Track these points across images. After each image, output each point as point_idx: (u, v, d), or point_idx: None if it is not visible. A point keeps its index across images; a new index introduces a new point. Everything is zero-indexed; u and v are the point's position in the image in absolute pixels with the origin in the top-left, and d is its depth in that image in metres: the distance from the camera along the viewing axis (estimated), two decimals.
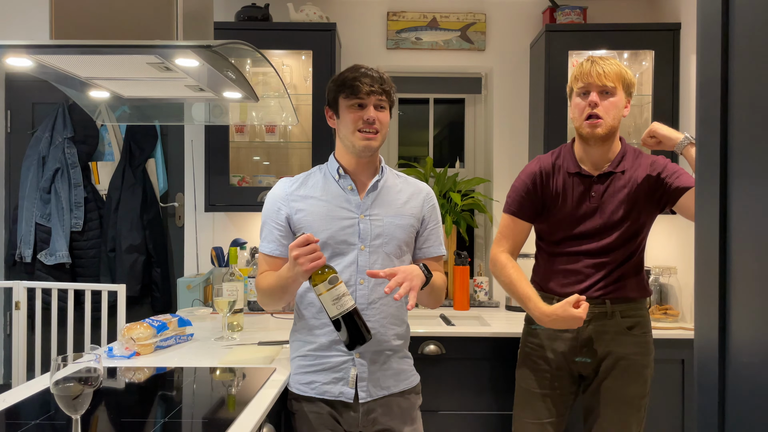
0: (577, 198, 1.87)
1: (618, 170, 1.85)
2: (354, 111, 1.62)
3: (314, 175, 1.73)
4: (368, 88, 1.60)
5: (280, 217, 1.68)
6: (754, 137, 0.56)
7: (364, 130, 1.62)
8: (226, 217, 3.01)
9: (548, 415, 1.91)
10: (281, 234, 1.68)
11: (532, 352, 1.94)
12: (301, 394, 1.68)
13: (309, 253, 1.47)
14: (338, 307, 1.47)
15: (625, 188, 1.84)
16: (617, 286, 1.85)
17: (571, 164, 1.88)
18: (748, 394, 0.57)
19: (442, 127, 3.39)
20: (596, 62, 1.80)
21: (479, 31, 3.00)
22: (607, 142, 1.84)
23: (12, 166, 3.22)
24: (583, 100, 1.81)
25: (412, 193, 1.74)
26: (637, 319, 1.87)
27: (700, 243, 0.64)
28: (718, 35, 0.61)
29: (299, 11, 2.78)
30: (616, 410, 1.84)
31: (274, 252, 1.69)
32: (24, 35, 2.97)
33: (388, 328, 1.67)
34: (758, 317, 0.55)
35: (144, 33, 1.59)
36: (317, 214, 1.65)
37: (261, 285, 1.67)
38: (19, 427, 1.33)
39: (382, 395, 1.66)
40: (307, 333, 1.69)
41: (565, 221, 1.88)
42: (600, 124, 1.78)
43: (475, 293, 2.91)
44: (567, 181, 1.88)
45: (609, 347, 1.85)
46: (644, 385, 1.85)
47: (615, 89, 1.79)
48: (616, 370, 1.84)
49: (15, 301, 2.54)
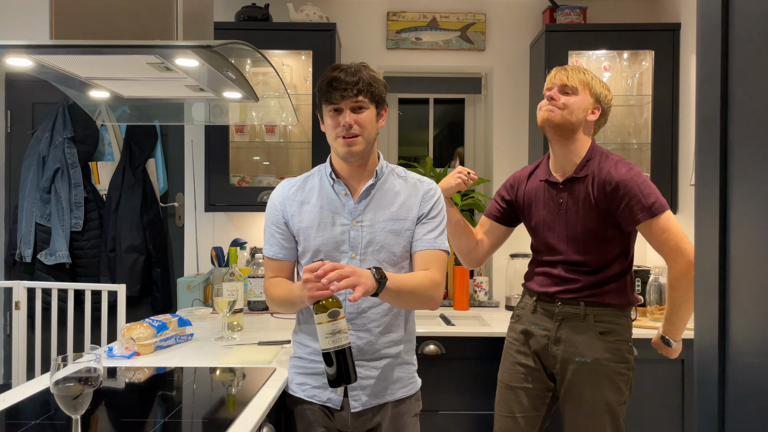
0: (545, 205, 1.92)
1: (581, 175, 1.85)
2: (333, 117, 1.58)
3: (312, 178, 1.70)
4: (340, 94, 1.54)
5: (279, 220, 1.67)
6: (754, 137, 0.56)
7: (344, 136, 1.57)
8: (226, 217, 3.01)
9: (521, 410, 1.93)
10: (282, 237, 1.67)
11: (510, 346, 2.00)
12: (294, 395, 1.69)
13: (317, 281, 1.42)
14: (332, 341, 1.43)
15: (586, 195, 1.83)
16: (594, 292, 1.85)
17: (543, 172, 1.95)
18: (748, 394, 0.57)
19: (442, 127, 3.39)
20: (565, 69, 1.88)
21: (479, 31, 3.00)
22: (566, 138, 1.85)
23: (12, 166, 3.22)
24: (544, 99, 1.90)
25: (410, 193, 1.66)
26: (612, 326, 1.85)
27: (700, 243, 0.64)
28: (718, 35, 0.61)
29: (299, 11, 2.78)
30: (588, 415, 1.82)
31: (276, 255, 1.68)
32: (24, 35, 2.97)
33: (381, 336, 1.63)
34: (758, 317, 0.55)
35: (144, 33, 1.59)
36: (311, 220, 1.63)
37: (271, 293, 1.67)
38: (19, 427, 1.33)
39: (375, 404, 1.63)
40: (305, 336, 1.69)
41: (538, 228, 1.94)
42: (555, 111, 1.83)
43: (475, 293, 2.91)
44: (538, 188, 1.95)
45: (579, 350, 1.85)
46: (618, 393, 1.82)
47: (577, 89, 1.84)
48: (586, 374, 1.83)
49: (15, 301, 2.54)
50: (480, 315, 2.70)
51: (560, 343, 1.87)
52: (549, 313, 1.91)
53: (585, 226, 1.84)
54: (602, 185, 1.80)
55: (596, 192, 1.81)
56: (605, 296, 1.85)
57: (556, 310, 1.89)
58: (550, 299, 1.90)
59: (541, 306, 1.93)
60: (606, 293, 1.85)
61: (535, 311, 1.94)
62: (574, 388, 1.84)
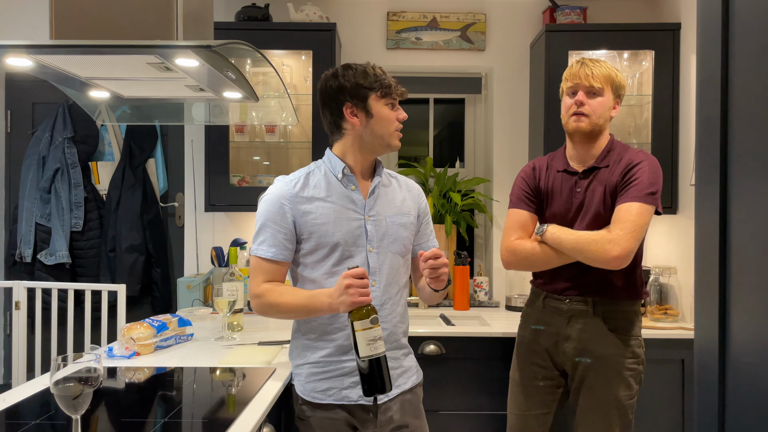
0: (566, 194, 1.92)
1: (602, 165, 1.88)
2: (391, 110, 1.64)
3: (314, 175, 1.66)
4: (400, 90, 1.64)
5: (285, 219, 1.59)
6: (754, 137, 0.56)
7: (399, 130, 1.66)
8: (226, 217, 3.01)
9: (530, 408, 1.94)
10: (286, 237, 1.60)
11: (521, 345, 2.01)
12: (316, 402, 1.62)
13: (361, 287, 1.45)
14: (372, 348, 1.42)
15: (606, 183, 1.86)
16: (602, 285, 1.85)
17: (561, 162, 1.96)
18: (748, 394, 0.57)
19: (442, 127, 3.39)
20: (586, 64, 1.87)
21: (479, 31, 3.00)
22: (592, 139, 1.88)
23: (12, 166, 3.22)
24: (571, 99, 1.88)
25: (406, 191, 1.76)
26: (621, 322, 1.86)
27: (700, 243, 0.64)
28: (718, 35, 0.61)
29: (299, 11, 2.78)
30: (597, 411, 1.83)
31: (277, 256, 1.59)
32: (24, 35, 2.97)
33: (399, 326, 1.68)
34: (758, 317, 0.55)
35: (144, 33, 1.59)
36: (327, 216, 1.60)
37: (275, 300, 1.57)
38: (19, 427, 1.33)
39: (396, 393, 1.66)
40: (318, 339, 1.63)
41: (557, 218, 1.93)
42: (584, 120, 1.85)
43: (475, 293, 2.91)
44: (556, 178, 1.95)
45: (589, 346, 1.85)
46: (627, 388, 1.83)
47: (602, 90, 1.85)
48: (596, 369, 1.84)
49: (15, 301, 2.54)
50: (480, 315, 2.70)
51: (570, 340, 1.88)
52: (558, 310, 1.91)
53: (598, 216, 1.84)
54: (626, 167, 1.82)
55: (616, 177, 1.83)
56: (614, 291, 1.85)
57: (564, 308, 1.89)
58: (558, 297, 1.91)
59: (551, 303, 1.93)
60: (615, 288, 1.85)
61: (544, 308, 1.95)
62: (586, 382, 1.86)
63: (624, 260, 1.73)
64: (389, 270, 1.64)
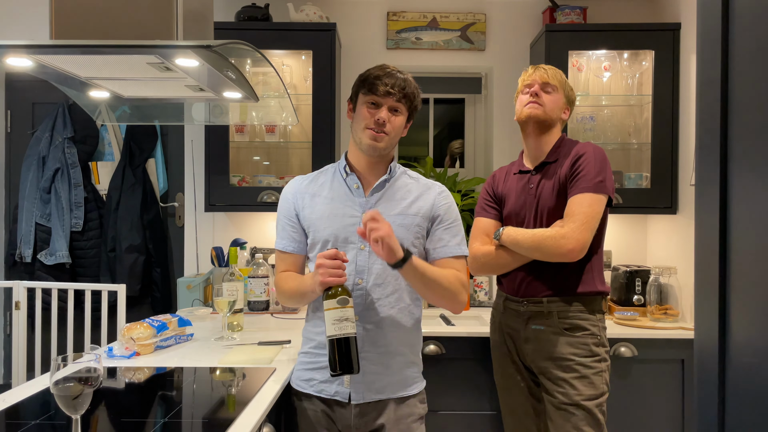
0: (519, 193, 1.98)
1: (552, 159, 1.94)
2: (369, 108, 1.63)
3: (325, 173, 1.74)
4: (385, 89, 1.60)
5: (290, 213, 1.70)
6: (754, 137, 0.56)
7: (373, 129, 1.61)
8: (226, 217, 3.01)
9: (520, 406, 1.98)
10: (293, 230, 1.70)
11: (494, 348, 2.07)
12: (300, 391, 1.68)
13: (332, 267, 1.48)
14: (338, 328, 1.45)
15: (556, 176, 1.90)
16: (556, 285, 1.87)
17: (517, 165, 2.05)
18: (748, 394, 0.57)
19: (442, 127, 3.39)
20: (541, 67, 1.98)
21: (479, 31, 3.00)
22: (544, 131, 1.94)
23: (12, 166, 3.22)
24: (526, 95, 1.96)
25: (421, 192, 1.69)
26: (577, 322, 1.86)
27: (700, 243, 0.64)
28: (718, 35, 0.61)
29: (299, 11, 2.78)
30: (561, 411, 1.83)
31: (286, 248, 1.70)
32: (24, 35, 2.97)
33: (388, 330, 1.63)
34: (758, 317, 0.55)
35: (144, 33, 1.59)
36: (320, 212, 1.66)
37: (282, 286, 1.70)
38: (19, 427, 1.33)
39: (377, 399, 1.62)
40: (311, 329, 1.70)
41: (512, 216, 1.98)
42: (539, 108, 1.91)
43: (475, 293, 2.91)
44: (512, 179, 2.02)
45: (546, 347, 1.87)
46: (590, 388, 1.82)
47: (556, 89, 1.95)
48: (555, 371, 1.84)
49: (15, 301, 2.54)
50: (480, 315, 2.70)
51: (529, 342, 1.92)
52: (517, 312, 1.95)
53: (550, 210, 1.88)
54: (573, 159, 1.87)
55: (565, 170, 1.87)
56: (570, 289, 1.86)
57: (522, 309, 1.93)
58: (516, 299, 1.95)
59: (510, 306, 1.98)
60: (571, 286, 1.86)
61: (505, 311, 2.00)
62: (548, 384, 1.87)
63: (579, 252, 1.78)
64: (381, 270, 1.62)
